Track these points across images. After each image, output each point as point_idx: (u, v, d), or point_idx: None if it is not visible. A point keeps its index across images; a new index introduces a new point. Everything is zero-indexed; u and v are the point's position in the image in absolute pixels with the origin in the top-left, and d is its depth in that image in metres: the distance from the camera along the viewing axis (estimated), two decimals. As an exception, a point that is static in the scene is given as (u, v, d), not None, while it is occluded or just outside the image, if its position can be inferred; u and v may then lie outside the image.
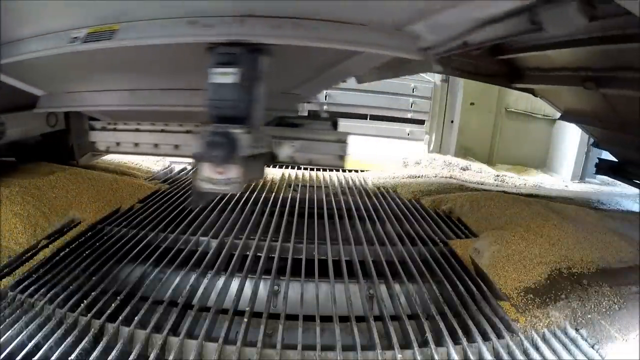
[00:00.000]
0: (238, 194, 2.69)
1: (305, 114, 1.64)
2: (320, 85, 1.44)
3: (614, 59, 2.05)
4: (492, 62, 2.93)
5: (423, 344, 1.26)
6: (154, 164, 3.61)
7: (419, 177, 3.82)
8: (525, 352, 1.27)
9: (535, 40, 2.27)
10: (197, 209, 2.36)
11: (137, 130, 1.64)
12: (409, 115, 5.26)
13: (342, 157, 1.48)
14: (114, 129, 1.67)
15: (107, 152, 1.70)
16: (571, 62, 2.36)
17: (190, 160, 3.48)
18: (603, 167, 3.46)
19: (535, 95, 3.29)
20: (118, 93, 1.40)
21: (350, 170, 3.98)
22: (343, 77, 1.48)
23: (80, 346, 1.14)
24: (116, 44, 1.04)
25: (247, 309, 1.38)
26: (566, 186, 4.35)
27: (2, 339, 1.15)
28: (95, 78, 1.39)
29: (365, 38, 1.04)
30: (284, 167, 3.78)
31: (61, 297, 1.37)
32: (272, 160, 1.45)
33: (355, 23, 1.02)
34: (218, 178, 0.95)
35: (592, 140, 3.60)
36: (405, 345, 1.27)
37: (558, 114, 3.44)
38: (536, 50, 2.32)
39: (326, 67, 1.27)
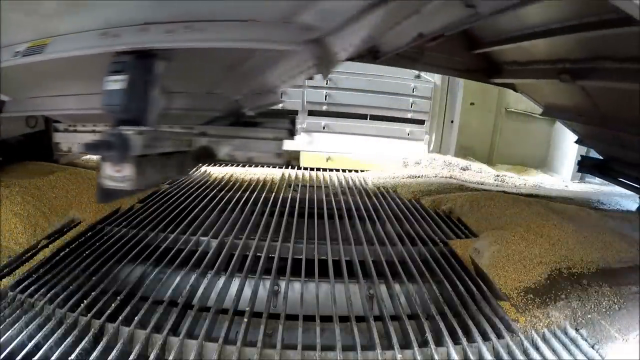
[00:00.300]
0: (238, 194, 2.69)
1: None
2: (243, 86, 1.46)
3: (592, 49, 1.99)
4: (469, 56, 2.86)
5: (423, 344, 1.26)
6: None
7: (419, 177, 3.82)
8: (525, 352, 1.27)
9: (511, 31, 2.22)
10: (197, 209, 2.36)
11: (93, 131, 1.67)
12: (409, 115, 5.26)
13: (279, 155, 1.52)
14: (75, 131, 1.71)
15: (70, 152, 1.73)
16: (549, 54, 2.31)
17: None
18: (586, 165, 3.38)
19: (515, 90, 3.20)
20: (72, 97, 1.47)
21: (350, 170, 3.98)
22: (269, 82, 1.49)
23: (80, 346, 1.14)
24: (45, 57, 1.13)
25: (247, 309, 1.38)
26: (566, 186, 4.35)
27: (2, 339, 1.15)
28: (51, 84, 1.47)
29: (251, 34, 1.06)
30: (283, 167, 3.78)
31: (61, 297, 1.37)
32: (210, 157, 1.52)
33: (244, 20, 1.06)
34: (116, 175, 1.02)
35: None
36: (405, 345, 1.27)
37: (558, 113, 3.40)
38: (511, 42, 2.26)
39: (233, 67, 1.30)
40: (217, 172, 3.52)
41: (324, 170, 3.91)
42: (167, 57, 1.10)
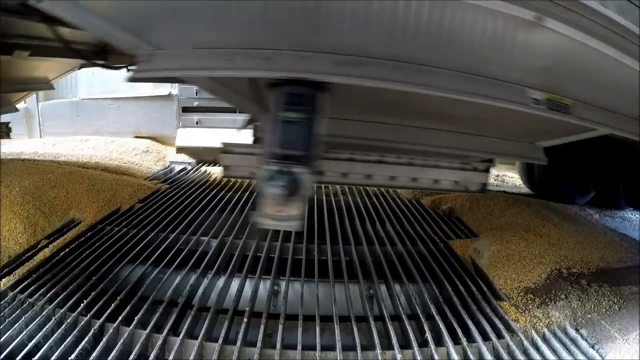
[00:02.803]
0: (238, 194, 2.69)
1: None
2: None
3: None
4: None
5: (423, 344, 1.26)
6: (154, 164, 3.61)
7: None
8: (525, 352, 1.27)
9: None
10: (197, 209, 2.36)
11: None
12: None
13: None
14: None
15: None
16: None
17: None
18: None
19: None
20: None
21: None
22: None
23: (80, 346, 1.14)
24: None
25: (247, 309, 1.38)
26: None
27: (2, 339, 1.15)
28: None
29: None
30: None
31: (61, 297, 1.37)
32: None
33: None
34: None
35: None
36: (405, 345, 1.27)
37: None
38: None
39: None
40: (217, 172, 3.52)
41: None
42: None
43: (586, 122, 1.16)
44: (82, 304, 1.33)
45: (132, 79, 1.03)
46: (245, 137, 1.72)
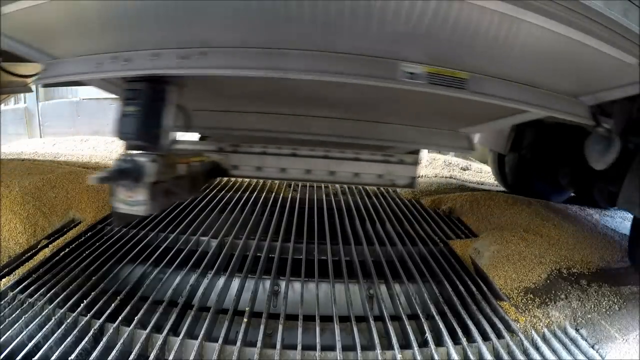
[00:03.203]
0: (238, 194, 2.69)
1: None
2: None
3: None
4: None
5: (423, 344, 1.26)
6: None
7: (419, 177, 3.82)
8: (525, 352, 1.26)
9: None
10: (197, 209, 2.36)
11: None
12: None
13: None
14: None
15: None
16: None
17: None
18: None
19: None
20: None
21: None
22: None
23: (80, 346, 1.14)
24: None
25: (247, 309, 1.38)
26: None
27: (2, 339, 1.15)
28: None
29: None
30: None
31: (61, 297, 1.37)
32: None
33: None
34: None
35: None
36: (405, 345, 1.27)
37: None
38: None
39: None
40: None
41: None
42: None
43: (487, 97, 1.05)
44: (82, 304, 1.33)
45: (38, 84, 1.22)
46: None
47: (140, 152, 1.06)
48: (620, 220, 2.73)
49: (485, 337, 1.30)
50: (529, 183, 3.22)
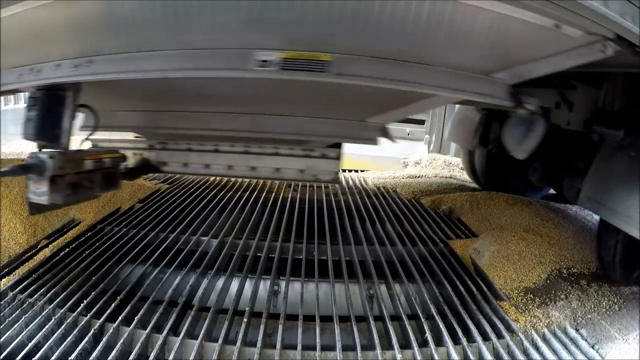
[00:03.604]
0: (238, 194, 2.69)
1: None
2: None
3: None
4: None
5: (423, 344, 1.26)
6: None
7: (419, 177, 3.82)
8: (525, 352, 1.26)
9: None
10: (197, 209, 2.36)
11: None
12: (408, 115, 5.24)
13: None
14: None
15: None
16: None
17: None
18: None
19: None
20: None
21: (350, 170, 3.98)
22: None
23: (80, 346, 1.14)
24: None
25: (247, 309, 1.38)
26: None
27: (2, 339, 1.15)
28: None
29: None
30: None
31: (61, 297, 1.37)
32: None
33: None
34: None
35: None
36: (405, 345, 1.27)
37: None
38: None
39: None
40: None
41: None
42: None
43: (352, 78, 0.97)
44: (82, 304, 1.33)
45: None
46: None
47: (44, 150, 1.23)
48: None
49: (485, 337, 1.30)
50: (502, 180, 3.07)
